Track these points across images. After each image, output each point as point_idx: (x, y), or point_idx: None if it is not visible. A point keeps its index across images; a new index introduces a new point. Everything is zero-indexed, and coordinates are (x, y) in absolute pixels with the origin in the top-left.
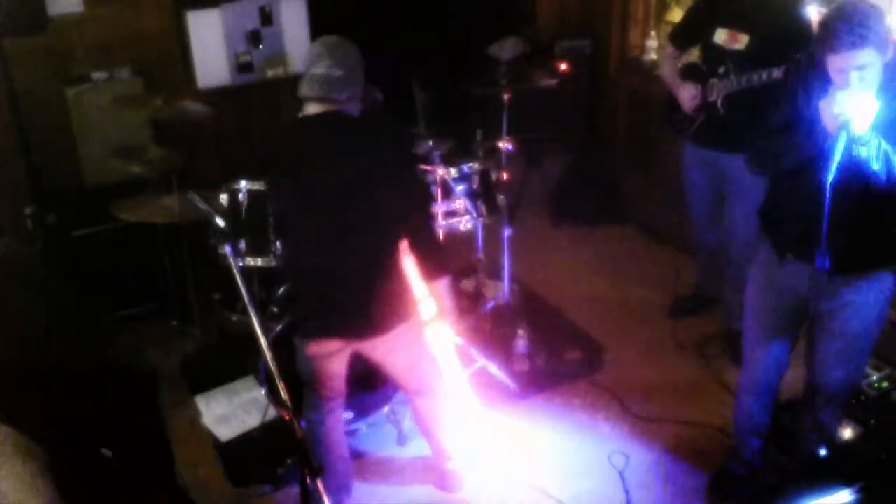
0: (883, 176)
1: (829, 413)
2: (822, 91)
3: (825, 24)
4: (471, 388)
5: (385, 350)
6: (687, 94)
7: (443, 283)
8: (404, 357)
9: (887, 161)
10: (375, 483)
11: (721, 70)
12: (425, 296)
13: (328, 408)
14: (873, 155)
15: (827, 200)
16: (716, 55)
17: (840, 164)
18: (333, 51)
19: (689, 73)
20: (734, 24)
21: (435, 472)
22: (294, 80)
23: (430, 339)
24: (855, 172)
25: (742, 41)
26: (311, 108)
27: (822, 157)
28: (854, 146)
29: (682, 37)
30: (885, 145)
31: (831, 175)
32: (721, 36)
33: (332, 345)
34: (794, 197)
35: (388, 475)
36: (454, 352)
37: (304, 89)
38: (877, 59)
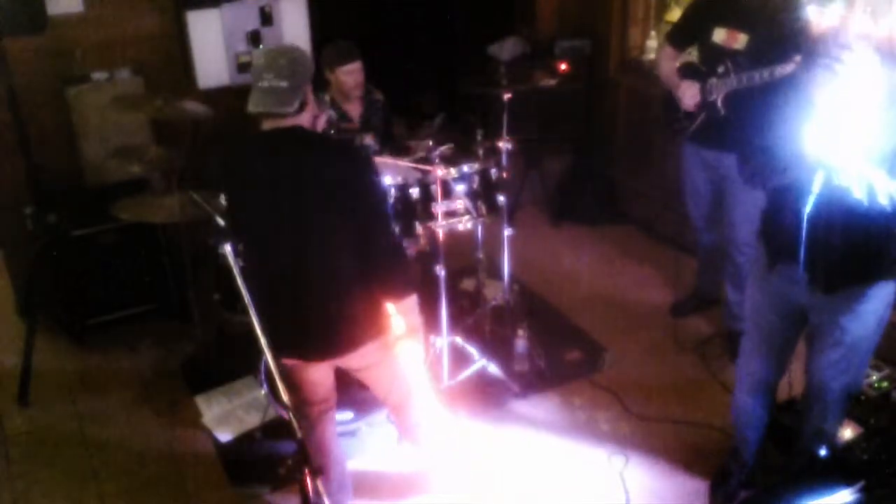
0: (865, 203)
1: (829, 417)
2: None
3: None
4: (441, 405)
5: (358, 366)
6: (688, 91)
7: (410, 301)
8: (380, 373)
9: (870, 190)
10: (375, 483)
11: (720, 69)
12: (393, 314)
13: (316, 413)
14: (855, 184)
15: (804, 229)
16: (714, 55)
17: (820, 193)
18: (276, 61)
19: (686, 72)
20: (733, 24)
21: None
22: None
23: (401, 356)
24: (836, 199)
25: (741, 40)
26: (266, 124)
27: (803, 182)
28: (835, 176)
29: (679, 36)
30: (868, 174)
31: (808, 207)
32: (720, 35)
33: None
34: (781, 211)
35: (387, 475)
36: (424, 369)
37: (251, 105)
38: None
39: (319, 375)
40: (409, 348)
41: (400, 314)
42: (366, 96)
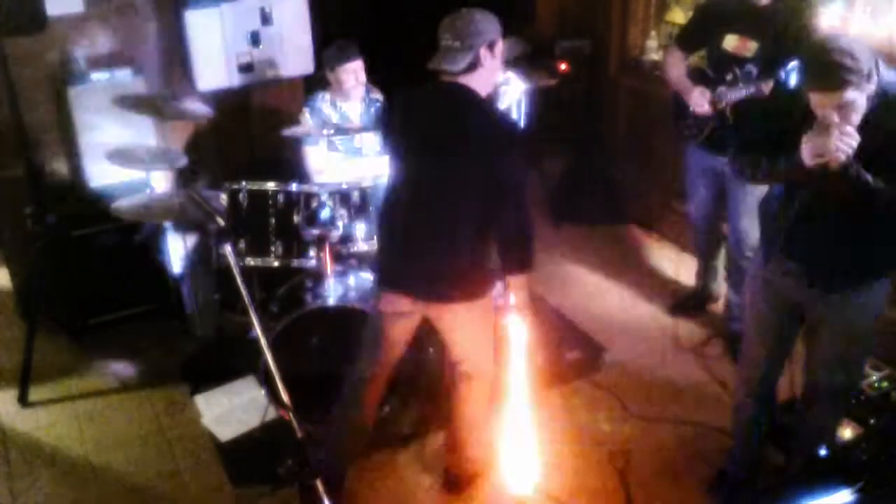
0: (860, 205)
1: (829, 416)
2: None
3: (810, 58)
4: (529, 383)
5: (450, 323)
6: (699, 97)
7: (524, 277)
8: (467, 336)
9: (865, 191)
10: (374, 482)
11: (729, 77)
12: (505, 286)
13: (370, 375)
14: (851, 185)
15: (801, 233)
16: (724, 61)
17: (816, 198)
18: (454, 22)
19: (694, 77)
20: (744, 31)
21: (441, 472)
22: (294, 81)
23: (503, 329)
24: (832, 204)
25: (751, 48)
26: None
27: (798, 184)
28: (831, 178)
29: (688, 40)
30: (863, 176)
31: (806, 212)
32: (731, 42)
33: (402, 303)
34: (777, 207)
35: (387, 475)
36: (523, 345)
37: (431, 62)
38: (859, 97)
39: (398, 334)
40: (513, 322)
41: (513, 288)
42: (365, 96)
